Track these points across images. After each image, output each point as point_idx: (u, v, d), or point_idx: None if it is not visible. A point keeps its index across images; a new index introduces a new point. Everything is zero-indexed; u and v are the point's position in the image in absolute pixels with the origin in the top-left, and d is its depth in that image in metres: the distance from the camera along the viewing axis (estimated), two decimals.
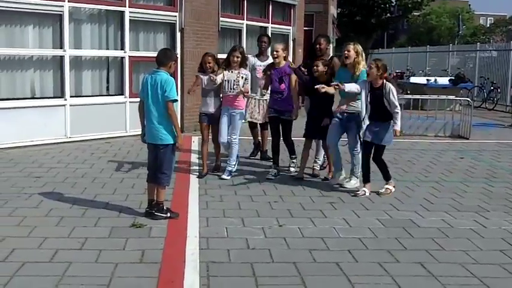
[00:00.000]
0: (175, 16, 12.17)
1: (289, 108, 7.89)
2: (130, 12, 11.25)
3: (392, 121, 7.09)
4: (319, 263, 4.87)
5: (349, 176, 7.70)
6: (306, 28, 18.66)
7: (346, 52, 7.41)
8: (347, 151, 7.78)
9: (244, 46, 14.47)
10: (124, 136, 10.89)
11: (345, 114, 7.45)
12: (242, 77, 7.78)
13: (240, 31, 14.41)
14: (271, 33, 15.53)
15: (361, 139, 7.30)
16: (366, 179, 7.27)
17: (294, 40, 16.69)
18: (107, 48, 11.26)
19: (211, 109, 7.95)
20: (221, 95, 7.97)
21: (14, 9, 9.72)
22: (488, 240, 5.61)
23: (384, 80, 7.04)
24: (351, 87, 7.12)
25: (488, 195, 7.47)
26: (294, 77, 7.90)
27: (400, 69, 29.00)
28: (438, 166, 9.42)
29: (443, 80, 20.53)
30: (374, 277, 4.59)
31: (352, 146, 7.56)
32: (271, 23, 15.67)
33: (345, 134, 7.66)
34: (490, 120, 16.82)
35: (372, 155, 7.23)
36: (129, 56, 11.31)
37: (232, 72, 7.82)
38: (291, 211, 6.43)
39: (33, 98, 10.25)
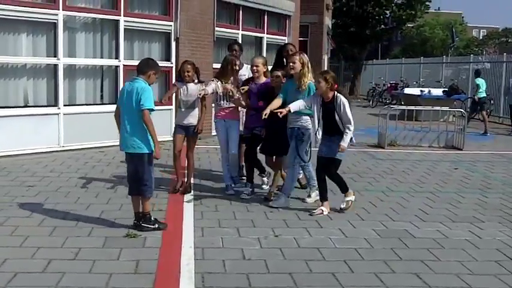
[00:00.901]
0: (171, 25, 12.18)
1: (261, 124, 7.26)
2: (125, 21, 11.26)
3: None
4: (315, 274, 4.84)
5: (308, 191, 7.42)
6: (301, 39, 18.72)
7: (291, 64, 6.94)
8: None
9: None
10: (118, 145, 10.79)
11: (289, 129, 7.06)
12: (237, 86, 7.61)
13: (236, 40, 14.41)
14: (267, 44, 15.63)
15: (300, 155, 6.99)
16: (322, 197, 6.88)
17: None
18: (101, 57, 11.24)
19: (188, 121, 7.47)
20: (212, 106, 7.68)
21: (7, 17, 9.70)
22: (483, 251, 5.59)
23: (335, 92, 6.61)
24: (296, 105, 6.72)
25: (483, 206, 7.46)
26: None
27: (394, 80, 29.13)
28: (433, 177, 9.41)
29: (437, 91, 20.62)
30: None
31: (289, 159, 7.11)
32: (267, 33, 15.73)
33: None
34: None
35: (326, 172, 6.82)
36: (124, 65, 11.29)
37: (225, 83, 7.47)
38: (286, 221, 6.39)
39: (26, 106, 10.21)
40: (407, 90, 22.81)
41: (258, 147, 7.61)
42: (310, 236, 5.91)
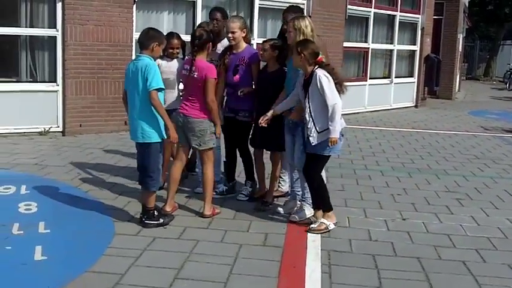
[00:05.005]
0: (304, 4, 12.19)
1: (245, 107, 5.98)
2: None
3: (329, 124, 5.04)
4: (444, 261, 4.73)
5: (300, 204, 5.69)
6: (436, 17, 17.95)
7: (288, 33, 5.44)
8: None
9: (371, 35, 14.29)
10: None
11: (291, 121, 5.53)
12: None
13: (367, 19, 14.19)
14: (399, 22, 15.16)
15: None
16: (325, 205, 5.42)
17: (422, 29, 16.16)
18: None
19: (169, 104, 5.90)
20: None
21: None
22: None
23: (314, 67, 5.11)
24: (284, 106, 5.46)
25: None
26: (256, 66, 5.97)
27: None
28: None
29: None
30: (504, 279, 4.39)
31: (298, 160, 5.47)
32: (400, 11, 15.28)
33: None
34: None
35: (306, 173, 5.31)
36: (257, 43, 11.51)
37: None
38: (415, 205, 6.28)
39: None
40: None
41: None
42: (439, 221, 5.77)
